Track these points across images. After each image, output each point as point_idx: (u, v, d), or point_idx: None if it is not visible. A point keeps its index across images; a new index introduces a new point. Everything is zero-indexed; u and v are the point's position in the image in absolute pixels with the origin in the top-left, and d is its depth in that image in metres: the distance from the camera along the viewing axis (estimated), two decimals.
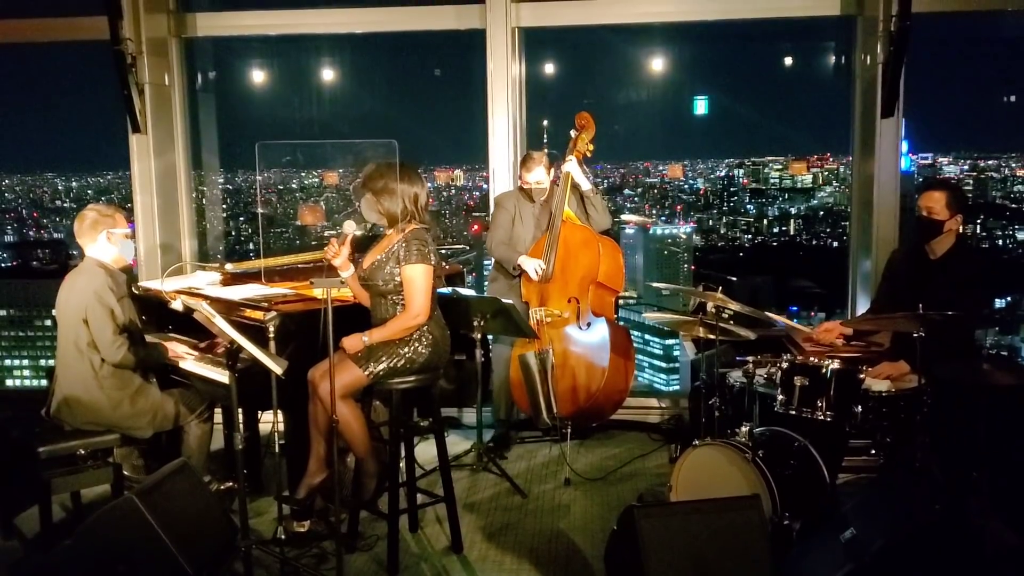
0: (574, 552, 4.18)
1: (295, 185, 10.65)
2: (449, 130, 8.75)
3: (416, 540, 4.31)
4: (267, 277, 5.25)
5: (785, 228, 12.48)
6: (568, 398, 5.30)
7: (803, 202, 12.41)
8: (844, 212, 12.29)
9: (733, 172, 12.69)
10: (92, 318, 4.17)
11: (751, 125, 11.50)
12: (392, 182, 4.02)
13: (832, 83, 8.61)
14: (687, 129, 10.31)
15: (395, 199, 4.02)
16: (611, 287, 5.38)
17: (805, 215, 12.36)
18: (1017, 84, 8.90)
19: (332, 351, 3.53)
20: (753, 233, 12.46)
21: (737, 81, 11.01)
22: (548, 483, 5.05)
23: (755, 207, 12.53)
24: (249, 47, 7.05)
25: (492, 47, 5.97)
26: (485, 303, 4.88)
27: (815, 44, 7.53)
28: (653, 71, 7.40)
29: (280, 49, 7.24)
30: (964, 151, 10.07)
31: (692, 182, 12.53)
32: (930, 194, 4.35)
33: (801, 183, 12.46)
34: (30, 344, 10.74)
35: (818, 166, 12.62)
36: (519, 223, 5.58)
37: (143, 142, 6.12)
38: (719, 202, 12.55)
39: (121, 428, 4.27)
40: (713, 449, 4.02)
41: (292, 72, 7.53)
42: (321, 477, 4.24)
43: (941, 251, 4.39)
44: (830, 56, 7.42)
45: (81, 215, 4.36)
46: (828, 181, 12.52)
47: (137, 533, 3.46)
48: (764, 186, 12.58)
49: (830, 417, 3.97)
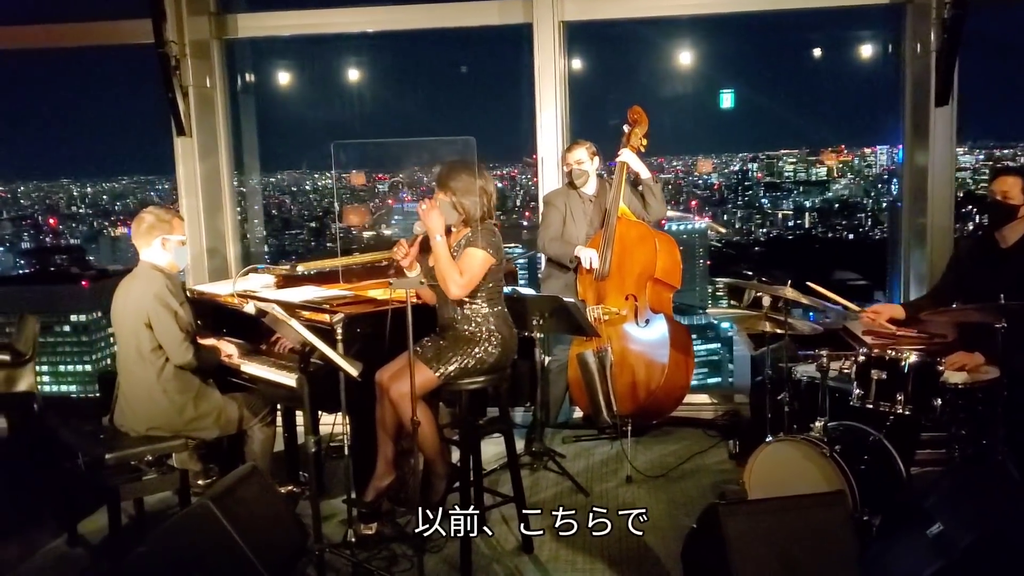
0: (646, 551, 4.13)
1: (308, 187, 10.64)
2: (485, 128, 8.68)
3: (485, 541, 4.26)
4: (321, 279, 5.23)
5: (800, 221, 12.41)
6: (628, 396, 5.25)
7: (818, 195, 12.34)
8: (859, 204, 12.25)
9: (747, 166, 12.64)
10: (157, 321, 4.13)
11: (771, 118, 11.43)
12: (471, 180, 3.97)
13: (853, 74, 8.55)
14: (712, 123, 10.27)
15: (474, 198, 3.98)
16: (669, 283, 5.33)
17: (820, 208, 12.30)
18: None
19: (412, 351, 3.48)
20: (768, 227, 12.41)
21: (758, 74, 10.95)
22: (609, 481, 5.00)
23: (770, 200, 12.47)
24: (287, 48, 7.03)
25: (539, 41, 5.93)
26: (545, 301, 4.83)
27: (839, 34, 7.46)
28: (680, 64, 7.34)
29: (315, 50, 7.22)
30: (980, 140, 9.94)
31: (707, 176, 12.48)
32: (1004, 179, 4.29)
33: (816, 176, 12.39)
34: (50, 350, 10.80)
35: (833, 159, 12.55)
36: (570, 221, 5.53)
37: (188, 145, 6.11)
38: (734, 196, 12.49)
39: (187, 432, 4.23)
40: (788, 445, 3.97)
41: (327, 72, 7.50)
42: (389, 479, 4.21)
43: (1014, 238, 4.32)
44: (854, 46, 7.34)
45: (139, 217, 4.30)
46: (843, 173, 12.45)
47: (212, 539, 3.43)
48: (779, 179, 12.51)
49: (909, 411, 3.90)
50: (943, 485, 3.71)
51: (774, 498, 3.45)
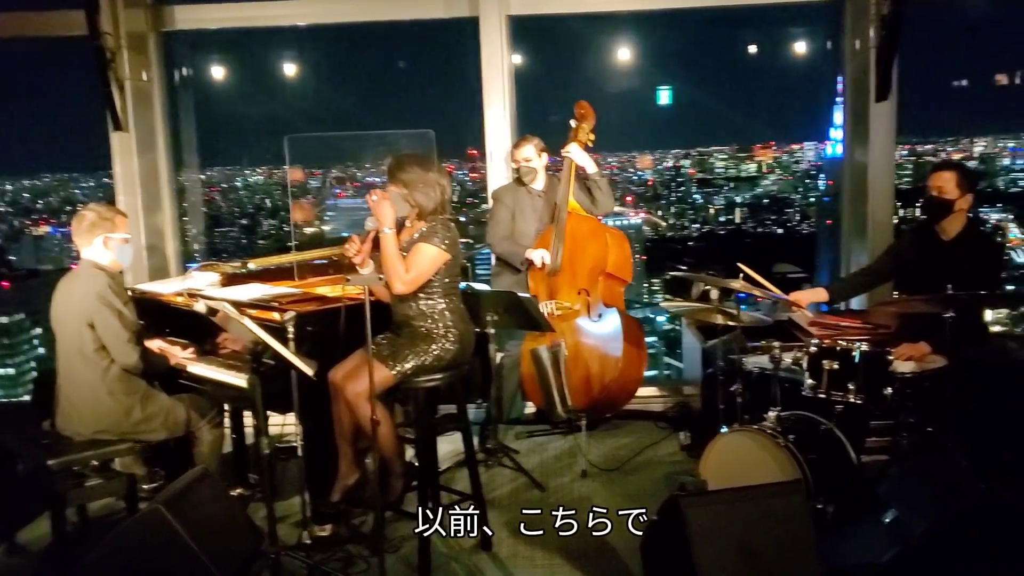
0: (604, 544, 4.12)
1: (239, 183, 10.47)
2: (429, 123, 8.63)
3: (442, 540, 4.22)
4: (267, 277, 5.13)
5: (731, 216, 12.62)
6: (582, 390, 5.26)
7: (748, 191, 12.56)
8: (788, 199, 12.50)
9: (680, 163, 12.81)
10: (100, 321, 3.99)
11: (706, 115, 11.58)
12: (424, 173, 3.92)
13: (787, 70, 8.68)
14: (649, 119, 10.35)
15: (426, 191, 3.93)
16: (621, 277, 5.34)
17: (750, 203, 12.51)
18: (965, 70, 9.06)
19: (370, 348, 3.43)
20: (701, 222, 12.60)
21: (696, 71, 11.08)
22: (564, 476, 5.00)
23: (702, 196, 12.65)
24: (227, 41, 6.88)
25: (485, 35, 5.90)
26: (500, 297, 4.80)
27: (776, 31, 7.57)
28: (619, 61, 7.37)
29: (255, 44, 7.09)
30: (902, 136, 10.25)
31: (641, 173, 12.62)
32: (940, 174, 4.37)
33: (746, 172, 12.62)
34: None
35: (765, 155, 12.79)
36: (519, 217, 5.52)
37: (125, 140, 5.95)
38: (668, 192, 12.64)
39: (134, 434, 4.11)
40: (743, 435, 4.01)
41: (268, 66, 7.36)
42: (354, 478, 4.17)
43: (953, 232, 4.41)
44: (789, 43, 7.46)
45: (80, 215, 4.14)
46: (772, 169, 12.69)
47: (165, 544, 3.34)
48: (710, 176, 12.70)
49: (861, 400, 3.97)
50: (894, 473, 3.79)
51: (734, 488, 3.47)
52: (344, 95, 8.45)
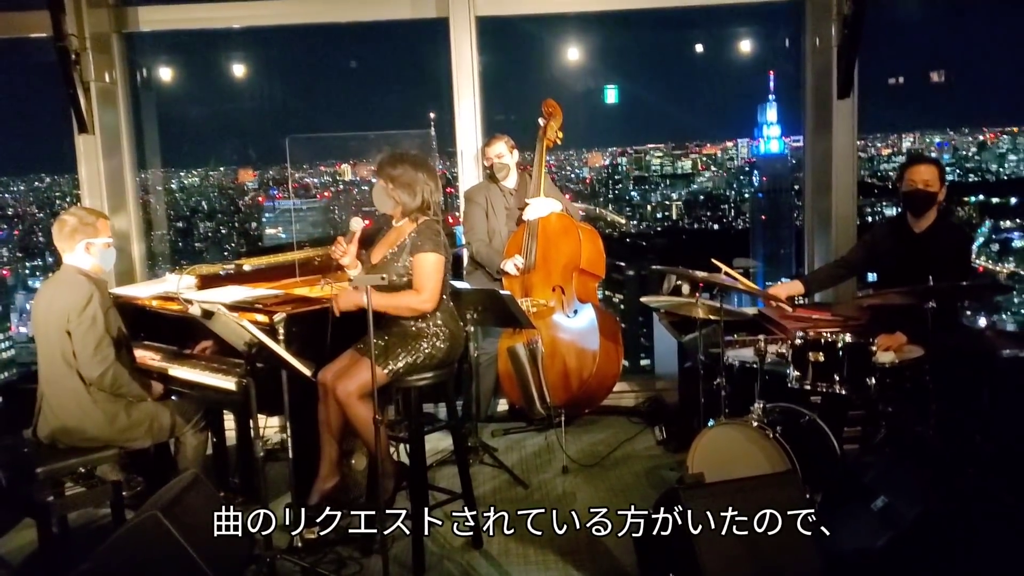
0: (595, 539, 4.16)
1: (174, 185, 10.33)
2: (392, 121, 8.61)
3: (433, 539, 4.23)
4: (241, 278, 5.09)
5: (668, 213, 12.80)
6: (561, 386, 5.30)
7: (683, 187, 12.76)
8: (723, 196, 12.74)
9: (618, 160, 12.96)
10: (74, 330, 3.92)
11: (648, 113, 11.72)
12: (412, 172, 3.93)
13: (725, 70, 8.85)
14: (594, 118, 10.44)
15: (414, 190, 3.94)
16: (594, 273, 5.40)
17: (686, 200, 12.72)
18: (899, 67, 9.31)
19: (372, 348, 3.42)
20: (638, 219, 12.76)
21: (646, 69, 11.21)
22: (546, 472, 5.04)
23: (639, 194, 12.82)
24: (191, 42, 6.78)
25: (455, 36, 5.91)
26: (481, 295, 4.82)
27: (722, 32, 7.72)
28: (571, 61, 7.45)
29: (220, 45, 7.01)
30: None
31: (579, 171, 12.74)
32: (924, 167, 4.47)
33: (681, 169, 12.82)
34: None
35: (702, 151, 13.02)
36: (492, 216, 5.55)
37: (90, 143, 5.83)
38: (604, 190, 12.78)
39: (119, 441, 4.06)
40: (731, 428, 4.08)
41: (232, 67, 7.28)
42: (334, 481, 4.14)
43: (925, 224, 4.54)
44: (737, 42, 7.63)
45: (61, 219, 4.06)
46: (707, 167, 12.92)
47: (163, 551, 3.31)
48: (647, 173, 12.86)
49: (845, 390, 4.06)
50: (879, 460, 3.90)
51: (732, 480, 3.53)
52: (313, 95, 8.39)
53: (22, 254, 10.92)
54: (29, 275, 10.71)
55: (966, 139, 12.71)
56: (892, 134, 12.04)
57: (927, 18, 9.24)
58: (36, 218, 10.99)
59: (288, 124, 8.55)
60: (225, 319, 3.54)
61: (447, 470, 4.98)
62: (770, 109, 12.46)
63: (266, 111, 7.94)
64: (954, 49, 10.83)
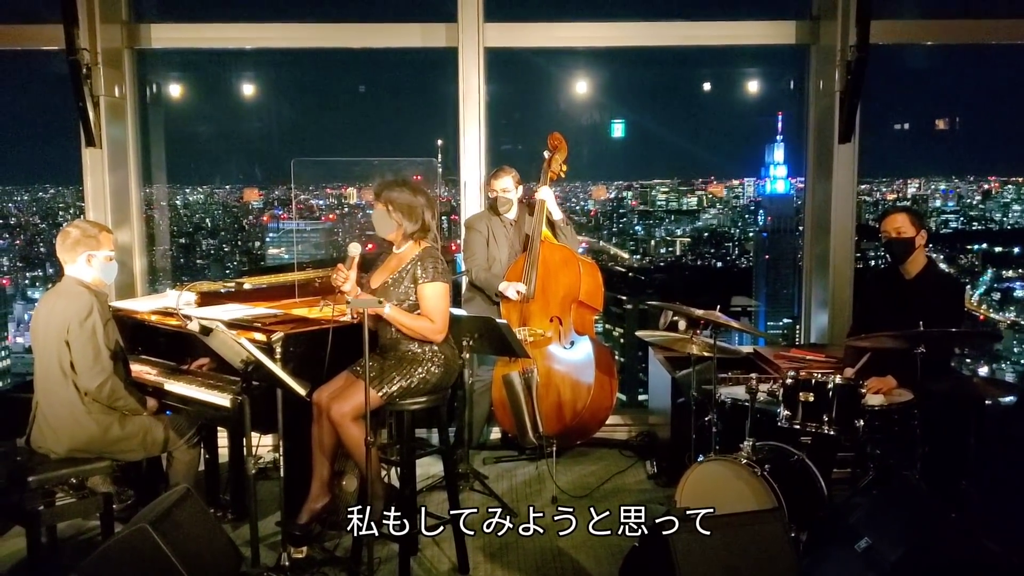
0: (580, 570, 4.19)
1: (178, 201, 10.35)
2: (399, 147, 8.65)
3: (418, 562, 4.24)
4: (241, 296, 5.13)
5: (672, 249, 12.84)
6: (554, 416, 5.33)
7: (688, 224, 12.82)
8: (727, 233, 12.79)
9: (623, 194, 13.02)
10: (73, 341, 3.96)
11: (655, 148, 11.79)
12: (410, 195, 3.99)
13: (732, 109, 8.92)
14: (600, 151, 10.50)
15: (414, 212, 4.00)
16: (592, 306, 5.44)
17: (690, 236, 12.76)
18: (906, 113, 9.40)
19: (367, 370, 3.45)
20: (642, 254, 12.80)
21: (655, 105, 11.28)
22: (535, 501, 5.04)
23: (643, 228, 12.86)
24: (201, 60, 6.87)
25: (464, 67, 5.99)
26: (477, 322, 4.85)
27: (731, 72, 7.79)
28: (578, 94, 7.53)
29: (230, 64, 7.09)
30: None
31: (583, 203, 12.79)
32: (892, 217, 4.55)
33: (686, 205, 12.88)
34: None
35: (712, 189, 13.09)
36: (493, 244, 5.60)
37: (97, 156, 5.88)
38: (609, 223, 12.83)
39: (112, 453, 4.07)
40: (719, 464, 4.10)
41: (241, 87, 7.36)
42: (324, 501, 4.16)
43: (915, 271, 4.58)
44: (740, 84, 7.70)
45: (64, 231, 4.11)
46: (713, 204, 12.97)
47: (150, 564, 3.33)
48: (652, 208, 12.92)
49: (834, 431, 4.09)
50: (865, 502, 3.91)
51: (719, 515, 3.55)
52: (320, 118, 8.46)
53: (23, 264, 10.94)
54: (29, 285, 10.71)
55: (971, 187, 12.77)
56: (897, 179, 12.09)
57: (934, 67, 9.32)
58: (38, 229, 11.00)
59: (295, 145, 8.60)
60: (223, 336, 3.57)
61: (437, 495, 4.99)
62: (777, 149, 12.54)
63: (274, 131, 8.01)
64: (961, 97, 10.88)
